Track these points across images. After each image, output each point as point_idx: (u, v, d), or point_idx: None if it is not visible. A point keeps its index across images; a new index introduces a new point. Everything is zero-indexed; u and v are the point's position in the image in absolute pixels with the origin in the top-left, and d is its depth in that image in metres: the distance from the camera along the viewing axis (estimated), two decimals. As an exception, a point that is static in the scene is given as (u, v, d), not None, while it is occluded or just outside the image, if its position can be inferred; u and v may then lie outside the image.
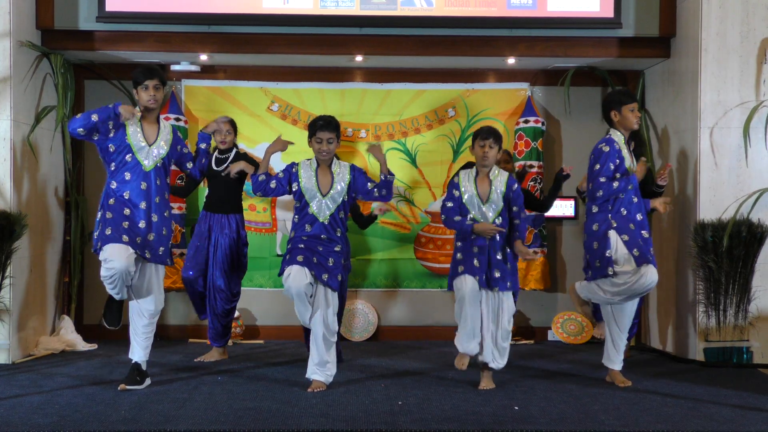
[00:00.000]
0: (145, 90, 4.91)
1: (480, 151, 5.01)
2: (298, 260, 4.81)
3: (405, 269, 7.12)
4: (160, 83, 4.95)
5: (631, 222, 5.07)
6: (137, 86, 4.93)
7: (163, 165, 4.98)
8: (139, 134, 4.91)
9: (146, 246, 4.84)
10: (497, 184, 5.01)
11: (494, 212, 4.99)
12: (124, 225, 4.78)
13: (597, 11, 6.43)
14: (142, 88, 4.91)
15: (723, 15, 5.96)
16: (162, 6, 6.34)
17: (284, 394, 4.81)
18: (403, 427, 4.11)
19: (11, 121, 5.82)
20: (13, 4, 5.84)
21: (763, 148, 5.94)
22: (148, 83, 4.89)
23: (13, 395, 4.75)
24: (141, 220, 4.84)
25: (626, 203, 5.09)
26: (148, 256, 4.86)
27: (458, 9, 6.38)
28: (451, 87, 7.11)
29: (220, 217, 5.89)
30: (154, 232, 4.88)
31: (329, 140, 4.96)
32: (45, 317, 6.38)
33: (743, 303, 5.82)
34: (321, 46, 6.51)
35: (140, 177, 4.88)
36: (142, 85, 4.90)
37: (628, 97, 5.20)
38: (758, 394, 4.95)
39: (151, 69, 4.96)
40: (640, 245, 5.02)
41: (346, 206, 5.06)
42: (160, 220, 4.92)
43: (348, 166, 5.11)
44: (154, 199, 4.90)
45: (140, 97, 4.94)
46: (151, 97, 4.90)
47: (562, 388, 5.10)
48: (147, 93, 4.91)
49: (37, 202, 6.21)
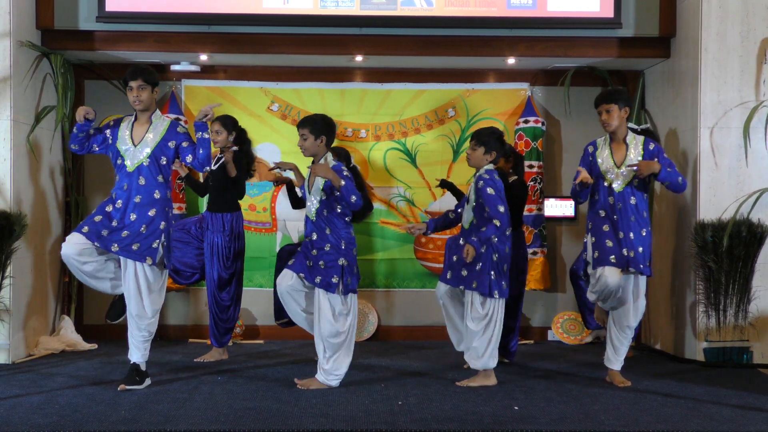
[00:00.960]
0: (130, 91, 4.91)
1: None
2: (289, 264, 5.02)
3: (405, 269, 7.12)
4: (145, 83, 4.89)
5: (605, 224, 5.09)
6: (125, 86, 4.95)
7: (151, 163, 4.91)
8: (127, 136, 4.92)
9: (114, 240, 4.80)
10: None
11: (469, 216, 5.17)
12: (95, 219, 4.84)
13: (597, 11, 6.43)
14: (128, 89, 4.92)
15: (723, 15, 5.96)
16: (162, 6, 6.34)
17: (284, 394, 4.81)
18: (403, 427, 4.11)
19: (11, 121, 5.82)
20: (13, 4, 5.84)
21: (763, 148, 5.94)
22: (132, 84, 4.88)
23: (13, 395, 4.75)
24: (114, 219, 4.86)
25: (604, 205, 5.10)
26: (115, 249, 4.80)
27: (458, 9, 6.38)
28: (451, 87, 7.11)
29: (213, 216, 5.90)
30: (128, 230, 4.83)
31: (303, 136, 5.04)
32: (45, 317, 6.38)
33: (743, 303, 5.82)
34: (321, 46, 6.51)
35: (124, 178, 4.91)
36: (128, 86, 4.91)
37: (598, 96, 5.23)
38: (758, 394, 4.95)
39: (136, 69, 4.92)
40: (606, 248, 5.02)
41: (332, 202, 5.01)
42: (140, 218, 4.85)
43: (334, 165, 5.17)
44: (134, 198, 4.87)
45: (129, 99, 4.94)
46: (135, 97, 4.89)
47: (562, 388, 5.10)
48: (131, 94, 4.90)
49: (37, 202, 6.21)
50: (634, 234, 5.04)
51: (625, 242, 5.02)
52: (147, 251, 4.86)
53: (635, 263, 5.02)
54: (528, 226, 6.88)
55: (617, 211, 5.07)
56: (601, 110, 5.15)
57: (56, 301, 6.59)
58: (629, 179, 5.06)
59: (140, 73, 4.90)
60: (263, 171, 6.98)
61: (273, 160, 6.96)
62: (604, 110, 5.13)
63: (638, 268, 5.03)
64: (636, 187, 5.09)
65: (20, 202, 5.90)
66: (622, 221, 5.05)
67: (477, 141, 5.17)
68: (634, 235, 5.04)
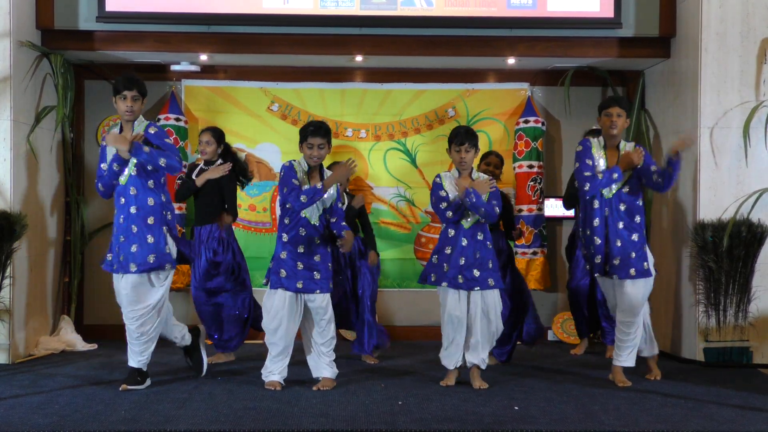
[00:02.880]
0: (123, 100, 4.76)
1: (457, 156, 5.05)
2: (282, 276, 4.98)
3: (405, 269, 7.12)
4: (139, 94, 4.79)
5: (587, 228, 5.14)
6: (116, 95, 4.79)
7: (139, 171, 4.80)
8: (115, 153, 4.80)
9: (129, 261, 4.78)
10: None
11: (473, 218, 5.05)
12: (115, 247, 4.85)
13: (597, 11, 6.43)
14: (120, 97, 4.77)
15: (723, 15, 5.96)
16: (162, 6, 6.34)
17: (284, 394, 4.81)
18: (403, 427, 4.11)
19: (11, 121, 5.82)
20: (13, 4, 5.84)
21: (763, 148, 5.93)
22: (127, 93, 4.75)
23: (13, 395, 4.74)
24: (120, 235, 4.82)
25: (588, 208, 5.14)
26: (134, 270, 4.77)
27: (458, 9, 6.38)
28: (451, 87, 7.11)
29: (201, 229, 5.85)
30: (136, 242, 4.79)
31: (320, 146, 4.97)
32: (45, 317, 6.38)
33: (743, 303, 5.82)
34: (321, 46, 6.51)
35: (119, 194, 4.86)
36: (121, 94, 4.77)
37: (608, 100, 5.22)
38: (758, 394, 4.94)
39: (132, 79, 4.80)
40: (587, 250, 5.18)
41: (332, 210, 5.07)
42: (141, 229, 4.79)
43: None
44: (130, 209, 4.80)
45: (118, 107, 4.81)
46: (128, 107, 4.76)
47: (562, 388, 5.09)
48: (124, 103, 4.76)
49: (37, 202, 6.21)
50: (621, 241, 5.05)
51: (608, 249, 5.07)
52: (163, 257, 4.83)
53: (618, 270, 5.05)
54: (528, 226, 6.89)
55: (603, 218, 5.07)
56: (612, 113, 5.08)
57: (56, 301, 6.60)
58: (620, 184, 5.06)
59: (135, 84, 4.77)
60: (263, 171, 6.98)
61: (273, 160, 6.99)
62: (616, 114, 5.08)
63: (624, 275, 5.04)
64: (628, 192, 5.08)
65: (20, 202, 5.90)
66: (610, 228, 5.06)
67: (471, 143, 5.04)
68: (622, 242, 5.04)
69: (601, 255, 5.09)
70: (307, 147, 4.97)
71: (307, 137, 4.96)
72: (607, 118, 5.10)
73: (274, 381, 4.96)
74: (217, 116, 6.97)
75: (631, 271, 5.04)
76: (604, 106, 5.16)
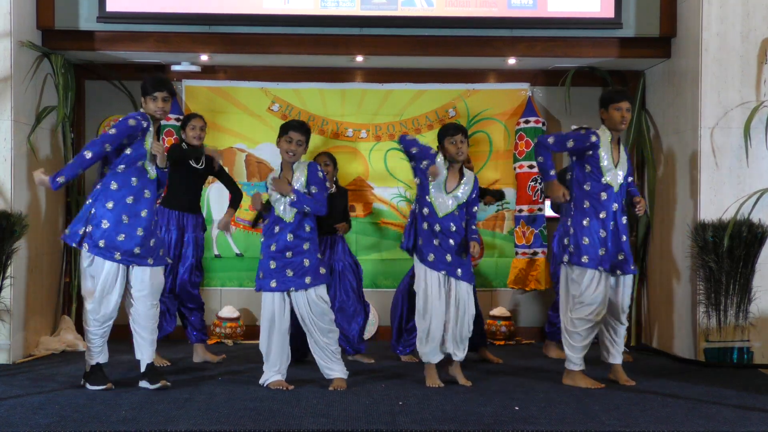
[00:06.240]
0: (154, 101, 4.87)
1: (453, 148, 5.11)
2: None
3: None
4: (169, 95, 4.90)
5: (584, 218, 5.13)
6: (145, 95, 4.89)
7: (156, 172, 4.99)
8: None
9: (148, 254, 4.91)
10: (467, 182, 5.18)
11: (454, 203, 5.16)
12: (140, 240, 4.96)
13: (597, 11, 6.43)
14: (151, 98, 4.87)
15: (723, 15, 5.96)
16: (162, 6, 6.34)
17: (284, 394, 4.81)
18: (403, 427, 4.12)
19: (12, 121, 5.82)
20: (13, 4, 5.84)
21: (763, 148, 5.93)
22: (158, 95, 4.86)
23: (14, 395, 4.75)
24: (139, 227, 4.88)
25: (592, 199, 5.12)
26: (151, 263, 4.90)
27: (458, 9, 6.38)
28: (452, 87, 7.11)
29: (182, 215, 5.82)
30: (154, 237, 4.95)
31: (299, 142, 5.02)
32: (45, 317, 6.38)
33: (744, 303, 5.82)
34: (321, 46, 6.51)
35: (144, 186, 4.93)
36: (151, 95, 4.87)
37: (617, 94, 5.12)
38: (758, 394, 4.94)
39: (163, 80, 4.92)
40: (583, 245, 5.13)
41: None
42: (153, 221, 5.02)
43: (306, 164, 5.14)
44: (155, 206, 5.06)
45: (147, 107, 4.90)
46: (160, 108, 4.87)
47: (562, 388, 5.10)
48: (155, 104, 4.87)
49: (37, 202, 6.21)
50: (625, 236, 5.10)
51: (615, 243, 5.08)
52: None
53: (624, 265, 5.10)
54: (529, 227, 6.88)
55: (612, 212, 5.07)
56: (623, 107, 5.04)
57: (56, 302, 6.60)
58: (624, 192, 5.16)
59: (165, 85, 4.89)
60: (264, 171, 6.98)
61: (273, 160, 6.97)
62: (626, 108, 5.06)
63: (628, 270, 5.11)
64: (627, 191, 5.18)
65: (20, 203, 5.91)
66: (618, 222, 5.09)
67: (465, 134, 5.17)
68: (626, 238, 5.12)
69: (605, 248, 5.05)
70: (286, 141, 5.03)
71: (288, 131, 5.03)
72: (618, 112, 5.04)
73: (280, 381, 4.98)
74: (218, 116, 6.97)
75: (632, 266, 5.13)
76: (614, 99, 5.07)
